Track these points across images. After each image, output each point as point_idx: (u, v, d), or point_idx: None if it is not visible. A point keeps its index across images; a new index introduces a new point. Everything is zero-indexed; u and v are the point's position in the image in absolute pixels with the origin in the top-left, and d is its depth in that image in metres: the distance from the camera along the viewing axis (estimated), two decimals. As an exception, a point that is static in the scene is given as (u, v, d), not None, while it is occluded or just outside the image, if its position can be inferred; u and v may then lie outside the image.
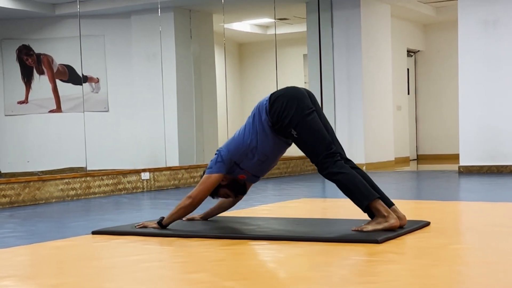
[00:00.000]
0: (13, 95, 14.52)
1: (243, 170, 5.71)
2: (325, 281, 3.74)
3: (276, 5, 14.15)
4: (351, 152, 14.46)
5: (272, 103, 5.50)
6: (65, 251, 5.11)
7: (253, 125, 5.55)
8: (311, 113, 5.46)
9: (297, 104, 5.44)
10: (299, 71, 18.01)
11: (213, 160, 5.67)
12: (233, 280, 3.86)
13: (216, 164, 5.63)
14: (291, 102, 5.45)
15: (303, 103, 5.48)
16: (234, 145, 5.64)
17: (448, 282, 3.69)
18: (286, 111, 5.40)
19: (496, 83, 12.22)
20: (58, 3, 14.11)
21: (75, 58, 13.67)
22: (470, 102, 12.45)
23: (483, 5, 12.33)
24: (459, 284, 3.67)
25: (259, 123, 5.52)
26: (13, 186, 8.81)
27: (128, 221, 6.62)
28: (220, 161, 5.63)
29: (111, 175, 10.14)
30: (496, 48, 12.23)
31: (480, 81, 12.36)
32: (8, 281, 4.02)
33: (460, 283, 3.68)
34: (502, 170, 12.19)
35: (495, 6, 12.23)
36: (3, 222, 7.09)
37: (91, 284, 3.87)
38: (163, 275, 4.15)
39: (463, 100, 12.55)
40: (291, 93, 5.54)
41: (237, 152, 5.61)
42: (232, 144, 5.66)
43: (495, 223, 5.85)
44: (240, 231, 5.59)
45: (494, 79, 12.24)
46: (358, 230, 5.24)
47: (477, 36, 12.39)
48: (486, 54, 12.31)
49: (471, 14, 12.43)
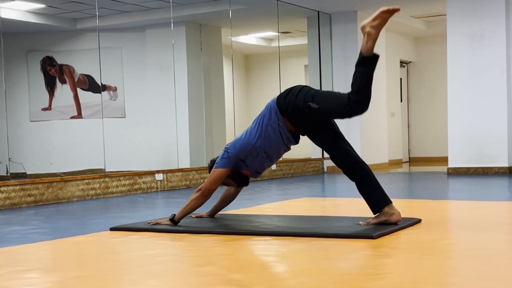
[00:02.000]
0: (37, 102, 14.52)
1: (248, 167, 5.76)
2: (325, 274, 3.74)
3: (280, 19, 14.15)
4: (348, 155, 14.45)
5: (284, 97, 5.56)
6: (85, 246, 5.11)
7: (261, 126, 5.59)
8: (317, 90, 5.60)
9: (305, 89, 5.55)
10: (300, 80, 17.98)
11: (220, 156, 5.73)
12: (239, 273, 3.85)
13: (222, 160, 5.70)
14: (299, 90, 5.54)
15: (308, 87, 5.61)
16: (241, 144, 5.68)
17: (438, 274, 3.68)
18: (300, 95, 5.47)
19: (482, 92, 12.22)
20: (79, 18, 14.13)
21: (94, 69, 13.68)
22: (458, 109, 12.45)
23: (469, 20, 12.33)
24: (448, 276, 3.66)
25: (266, 124, 5.56)
26: (37, 186, 8.82)
27: (144, 219, 6.62)
28: (227, 157, 5.69)
29: (127, 176, 10.15)
30: (482, 59, 12.23)
31: (467, 89, 12.35)
32: (33, 274, 4.02)
33: (449, 275, 3.68)
34: (488, 172, 12.18)
35: (480, 21, 12.23)
36: (28, 220, 7.10)
37: (109, 277, 3.87)
38: (176, 268, 4.15)
39: (452, 107, 12.55)
40: (297, 87, 5.62)
41: (243, 150, 5.66)
42: (238, 142, 5.70)
43: (481, 220, 5.85)
44: (246, 227, 5.58)
45: (480, 87, 12.23)
46: (365, 224, 5.37)
47: (464, 49, 12.39)
48: (472, 65, 12.30)
49: (459, 29, 12.43)
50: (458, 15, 12.44)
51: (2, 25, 10.03)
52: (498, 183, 10.17)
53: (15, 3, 12.67)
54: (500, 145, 12.11)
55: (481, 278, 3.51)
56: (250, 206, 7.61)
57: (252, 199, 8.62)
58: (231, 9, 12.97)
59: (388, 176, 12.60)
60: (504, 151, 12.07)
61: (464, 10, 12.37)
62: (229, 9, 12.96)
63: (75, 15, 13.93)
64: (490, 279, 3.50)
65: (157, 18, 13.66)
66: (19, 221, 6.94)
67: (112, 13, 13.80)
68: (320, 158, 14.52)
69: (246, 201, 8.28)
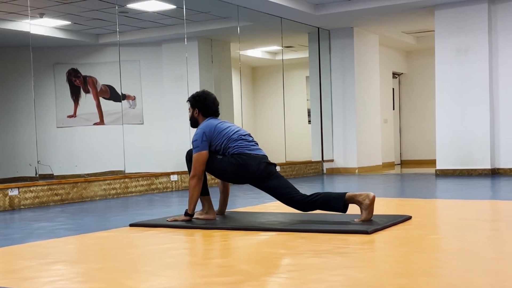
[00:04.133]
0: (63, 110, 14.54)
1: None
2: (325, 266, 3.74)
3: (283, 35, 14.15)
4: (346, 158, 14.48)
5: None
6: (106, 240, 5.12)
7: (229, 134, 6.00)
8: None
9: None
10: (302, 90, 17.98)
11: (198, 140, 5.85)
12: (247, 264, 3.86)
13: (202, 143, 5.83)
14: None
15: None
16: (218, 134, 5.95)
17: (428, 266, 3.68)
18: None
19: (467, 101, 12.22)
20: (101, 34, 14.15)
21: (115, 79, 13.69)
22: (445, 116, 12.45)
23: (456, 36, 12.33)
24: (436, 268, 3.66)
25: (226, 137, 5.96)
26: (63, 186, 8.83)
27: (160, 216, 6.62)
28: (205, 140, 5.85)
29: (145, 177, 10.15)
30: (466, 71, 12.23)
31: (453, 99, 12.35)
32: (60, 265, 4.03)
33: (437, 267, 3.67)
34: (472, 173, 12.17)
35: (466, 36, 12.23)
36: (55, 216, 7.11)
37: (128, 268, 3.88)
38: (189, 260, 4.15)
39: (439, 114, 12.55)
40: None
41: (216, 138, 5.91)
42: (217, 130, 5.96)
43: (466, 217, 5.84)
44: (253, 224, 5.59)
45: (465, 97, 12.23)
46: (359, 221, 5.42)
47: (450, 61, 12.39)
48: (458, 76, 12.30)
49: (446, 43, 12.44)
50: (445, 31, 12.45)
51: (32, 40, 10.05)
52: (481, 183, 10.16)
53: (43, 20, 12.70)
54: (483, 149, 12.11)
55: (466, 270, 3.51)
56: (256, 205, 7.61)
57: (258, 198, 8.61)
58: (239, 26, 12.97)
59: (381, 177, 12.59)
60: (487, 155, 12.07)
61: (450, 27, 12.37)
62: (237, 25, 12.96)
63: (98, 31, 13.96)
64: (474, 270, 3.50)
65: (172, 33, 13.68)
66: (47, 218, 6.95)
67: (131, 29, 13.82)
68: (320, 161, 14.52)
69: (252, 200, 8.27)
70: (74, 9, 11.96)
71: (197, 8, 12.18)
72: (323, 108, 14.70)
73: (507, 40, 12.03)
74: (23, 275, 3.76)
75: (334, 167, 14.54)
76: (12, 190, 8.15)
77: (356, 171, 14.28)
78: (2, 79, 13.41)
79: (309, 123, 16.03)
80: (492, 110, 12.11)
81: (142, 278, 3.55)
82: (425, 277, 3.37)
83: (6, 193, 8.06)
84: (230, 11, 12.34)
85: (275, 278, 3.47)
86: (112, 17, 12.26)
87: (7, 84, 13.54)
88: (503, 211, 6.49)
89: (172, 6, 12.15)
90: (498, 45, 12.10)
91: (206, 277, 3.55)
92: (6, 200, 8.04)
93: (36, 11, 11.92)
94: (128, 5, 12.00)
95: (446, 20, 12.42)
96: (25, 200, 8.27)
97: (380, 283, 3.25)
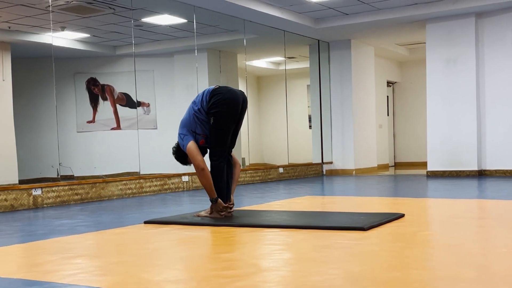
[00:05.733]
0: (83, 116, 14.56)
1: (200, 135, 5.91)
2: (324, 260, 3.74)
3: (286, 46, 14.15)
4: (344, 160, 14.48)
5: (212, 96, 5.83)
6: (123, 236, 5.13)
7: (192, 110, 5.93)
8: (230, 120, 5.85)
9: (226, 107, 5.78)
10: (303, 98, 17.98)
11: (181, 139, 5.91)
12: (254, 258, 3.86)
13: (184, 138, 5.88)
14: (223, 102, 5.78)
15: (232, 109, 5.83)
16: (185, 123, 5.94)
17: (419, 260, 3.68)
18: (217, 107, 5.76)
19: (455, 107, 12.22)
20: (118, 46, 14.17)
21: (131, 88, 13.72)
22: (436, 121, 12.45)
23: (445, 47, 12.33)
24: (427, 261, 3.66)
25: (192, 110, 5.92)
26: (83, 186, 8.84)
27: (172, 214, 6.63)
28: (186, 134, 5.89)
29: (158, 178, 10.16)
30: (456, 80, 12.22)
31: (443, 105, 12.35)
32: (80, 259, 4.04)
33: (428, 261, 3.68)
34: (460, 174, 12.16)
35: (454, 48, 12.23)
36: (75, 214, 7.12)
37: (143, 262, 3.88)
38: (199, 255, 4.16)
39: (430, 120, 12.55)
40: (229, 98, 5.83)
41: (189, 125, 5.88)
42: (183, 123, 5.95)
43: (455, 215, 5.84)
44: (258, 221, 5.58)
45: (454, 104, 12.23)
46: (197, 216, 5.90)
47: (441, 71, 12.38)
48: (448, 85, 12.30)
49: (436, 54, 12.43)
50: (435, 43, 12.45)
51: (54, 51, 10.08)
52: (468, 183, 10.14)
53: (65, 33, 12.73)
54: (470, 152, 12.11)
55: (454, 263, 3.51)
56: (261, 203, 7.62)
57: (263, 197, 8.62)
58: (245, 38, 12.98)
59: (376, 178, 12.58)
60: (474, 157, 12.06)
61: (440, 39, 12.37)
62: (243, 38, 12.97)
63: (115, 43, 13.98)
64: (462, 264, 3.50)
65: (183, 45, 13.68)
66: (68, 216, 6.96)
67: (146, 41, 13.84)
68: (320, 163, 14.51)
69: (258, 199, 8.28)
70: (93, 23, 11.99)
71: (207, 22, 12.20)
72: (323, 114, 14.69)
73: (492, 51, 12.03)
74: (46, 268, 3.77)
75: (333, 168, 14.53)
76: (36, 190, 8.17)
77: (353, 172, 14.28)
78: (27, 88, 13.43)
79: (309, 128, 16.02)
80: (479, 116, 12.10)
81: (156, 271, 3.56)
82: (417, 270, 3.37)
83: (30, 192, 8.08)
84: (237, 24, 12.35)
85: (279, 271, 3.48)
86: (128, 30, 12.28)
87: (31, 92, 13.56)
88: (489, 210, 6.48)
89: (183, 20, 12.16)
90: (485, 56, 12.10)
91: (215, 270, 3.56)
92: (30, 199, 8.06)
93: (58, 24, 11.95)
94: (143, 19, 12.02)
95: (437, 33, 12.42)
96: (47, 199, 8.29)
97: (375, 275, 3.25)
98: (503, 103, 11.93)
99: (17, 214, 7.39)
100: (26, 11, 10.70)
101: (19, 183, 10.44)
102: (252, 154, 15.39)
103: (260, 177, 12.47)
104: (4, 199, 7.77)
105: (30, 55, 12.85)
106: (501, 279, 3.12)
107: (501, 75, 11.94)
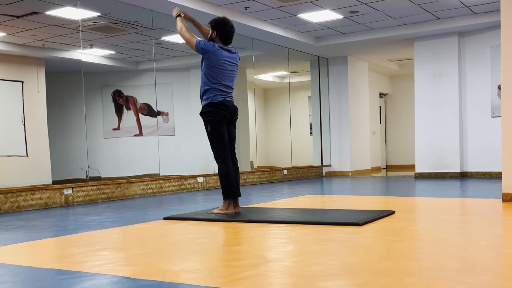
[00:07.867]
0: (109, 124, 14.58)
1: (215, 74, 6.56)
2: (324, 252, 3.74)
3: (290, 62, 14.16)
4: (341, 163, 14.45)
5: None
6: (145, 231, 5.13)
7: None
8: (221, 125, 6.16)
9: (218, 117, 6.25)
10: (305, 108, 17.98)
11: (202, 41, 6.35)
12: (261, 251, 3.86)
13: (203, 42, 6.39)
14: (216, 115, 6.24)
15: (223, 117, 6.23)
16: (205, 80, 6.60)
17: (408, 252, 3.68)
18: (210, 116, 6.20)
19: (440, 116, 12.21)
20: (140, 61, 14.20)
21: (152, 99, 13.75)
22: (423, 128, 12.44)
23: (431, 63, 12.32)
24: (416, 253, 3.66)
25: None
26: (109, 186, 8.85)
27: (189, 211, 6.63)
28: (204, 46, 6.41)
29: (176, 179, 10.16)
30: (440, 92, 12.22)
31: (430, 114, 12.34)
32: (106, 252, 4.04)
33: (416, 253, 3.67)
34: (444, 176, 12.14)
35: (440, 63, 12.23)
36: (102, 211, 7.13)
37: (162, 254, 3.88)
38: (213, 247, 4.16)
39: (418, 127, 12.54)
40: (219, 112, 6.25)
41: (209, 77, 6.54)
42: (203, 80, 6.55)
43: (441, 212, 5.83)
44: (265, 217, 5.59)
45: (439, 113, 12.22)
46: (210, 213, 5.93)
47: (427, 84, 12.38)
48: (433, 96, 12.30)
49: (423, 69, 12.43)
50: (423, 59, 12.45)
51: (83, 66, 10.10)
52: (452, 184, 10.12)
53: (93, 50, 12.77)
54: (453, 156, 12.09)
55: (440, 255, 3.51)
56: (267, 201, 7.62)
57: (269, 196, 8.61)
58: (253, 55, 12.99)
59: (370, 179, 12.56)
60: (457, 160, 12.05)
61: (427, 55, 12.37)
62: (252, 54, 12.98)
63: (137, 59, 14.01)
64: (447, 256, 3.49)
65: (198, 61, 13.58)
66: (95, 213, 6.97)
67: (165, 57, 13.86)
68: (319, 166, 14.50)
69: (264, 197, 8.28)
70: (118, 41, 12.02)
71: (219, 40, 12.19)
72: (323, 122, 14.69)
73: (473, 66, 12.02)
74: (76, 259, 3.78)
75: (332, 170, 14.52)
76: (67, 190, 8.18)
77: (349, 174, 14.27)
78: (59, 99, 13.46)
79: (311, 135, 16.02)
80: (461, 124, 12.09)
81: (174, 262, 3.56)
82: (406, 261, 3.37)
83: (62, 192, 8.10)
84: (245, 42, 12.36)
85: (283, 262, 3.47)
86: (149, 48, 12.30)
87: (63, 103, 13.60)
88: (470, 207, 6.47)
89: (198, 39, 12.17)
90: (466, 70, 12.09)
91: (226, 260, 3.56)
92: (62, 198, 8.08)
93: (87, 42, 11.98)
94: (163, 37, 12.04)
95: (424, 50, 12.42)
96: (77, 198, 8.30)
97: (369, 265, 3.25)
98: (482, 112, 11.91)
99: (51, 211, 7.41)
100: (59, 30, 10.74)
101: (52, 184, 10.46)
102: (259, 157, 15.39)
103: (267, 178, 12.47)
104: (39, 198, 7.79)
105: (62, 70, 12.89)
106: (481, 268, 3.12)
107: (481, 87, 11.92)
